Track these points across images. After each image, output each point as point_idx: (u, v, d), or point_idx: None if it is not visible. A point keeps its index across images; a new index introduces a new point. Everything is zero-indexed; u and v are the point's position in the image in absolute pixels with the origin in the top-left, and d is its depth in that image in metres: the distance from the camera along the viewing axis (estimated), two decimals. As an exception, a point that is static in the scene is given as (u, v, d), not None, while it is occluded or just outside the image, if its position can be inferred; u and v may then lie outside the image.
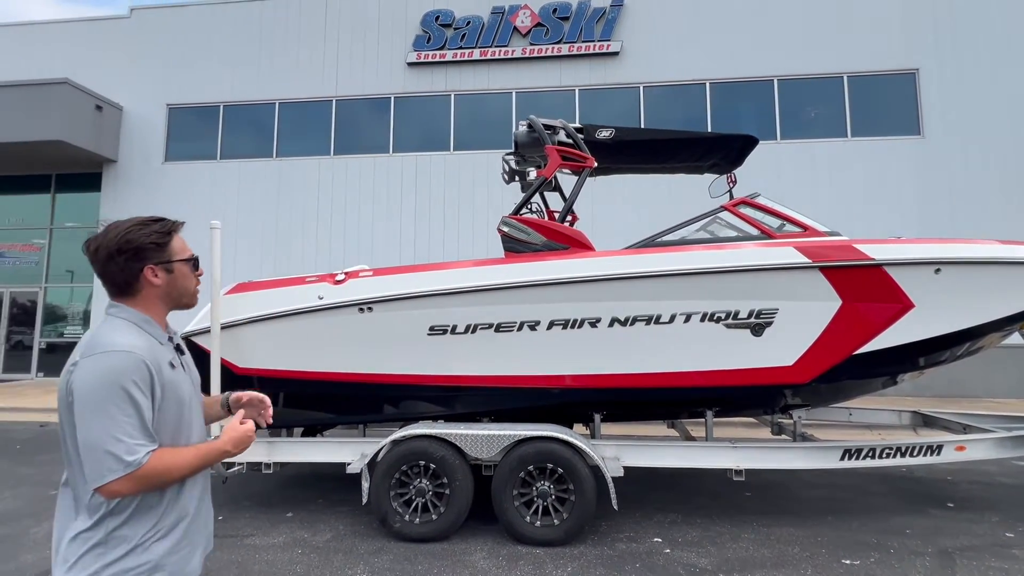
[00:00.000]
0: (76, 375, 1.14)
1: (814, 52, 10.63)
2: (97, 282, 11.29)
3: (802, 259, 3.53)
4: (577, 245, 3.80)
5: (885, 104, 10.54)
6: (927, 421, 5.12)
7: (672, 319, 3.59)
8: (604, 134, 4.36)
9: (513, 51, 11.14)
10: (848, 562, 3.22)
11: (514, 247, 3.85)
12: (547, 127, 4.18)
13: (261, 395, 1.49)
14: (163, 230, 1.27)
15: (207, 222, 3.62)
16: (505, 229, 3.85)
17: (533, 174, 4.04)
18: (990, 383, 8.91)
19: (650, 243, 3.90)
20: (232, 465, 3.75)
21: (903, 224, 9.06)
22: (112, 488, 1.11)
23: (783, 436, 4.64)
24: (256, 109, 11.77)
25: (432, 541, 3.48)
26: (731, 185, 4.27)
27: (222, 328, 3.77)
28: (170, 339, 1.31)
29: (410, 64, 11.36)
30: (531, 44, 11.12)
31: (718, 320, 3.59)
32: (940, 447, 3.86)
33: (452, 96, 11.31)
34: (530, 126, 4.23)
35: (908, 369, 4.09)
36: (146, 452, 1.14)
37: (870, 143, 10.38)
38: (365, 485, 3.59)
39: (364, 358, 3.80)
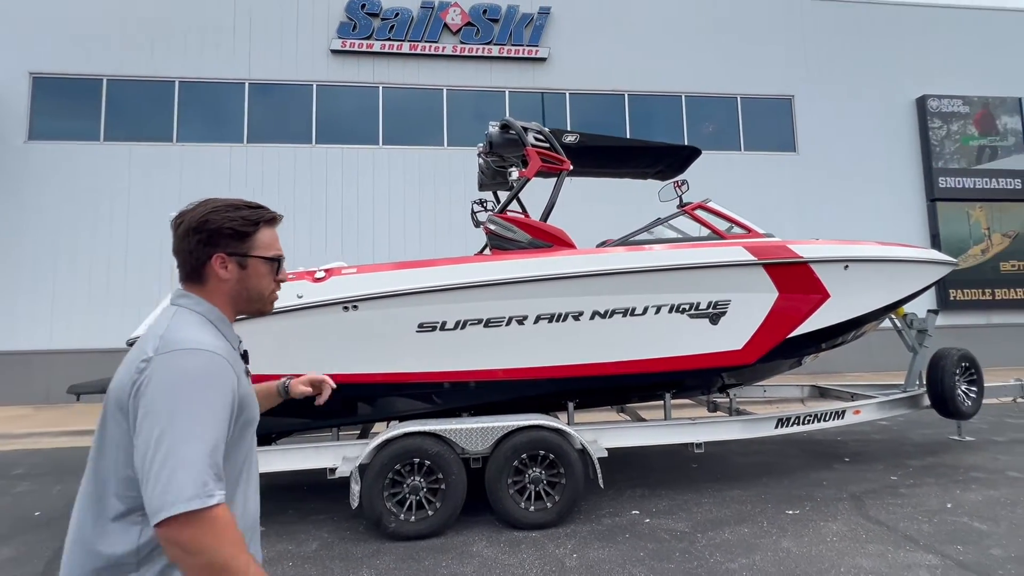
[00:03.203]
0: (151, 374, 0.93)
1: (715, 74, 11.96)
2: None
3: (750, 257, 4.10)
4: (560, 243, 4.02)
5: (769, 124, 12.20)
6: (822, 392, 6.17)
7: (645, 311, 3.97)
8: (570, 139, 4.63)
9: (444, 47, 11.08)
10: (791, 512, 3.83)
11: (501, 244, 3.96)
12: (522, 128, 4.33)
13: (323, 376, 1.50)
14: (251, 218, 1.11)
15: (88, 211, 3.28)
16: (492, 227, 3.96)
17: (515, 174, 4.19)
18: (847, 360, 10.76)
19: (624, 242, 4.24)
20: None
21: (781, 226, 10.59)
22: (179, 523, 0.85)
23: (719, 412, 5.29)
24: (150, 86, 10.39)
25: (428, 538, 3.50)
26: (681, 191, 4.76)
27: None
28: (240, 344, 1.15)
29: (334, 51, 10.79)
30: (462, 43, 11.14)
31: (683, 311, 4.03)
32: (843, 412, 4.74)
33: (380, 88, 10.96)
34: (505, 127, 4.36)
35: (819, 350, 4.90)
36: (219, 497, 0.90)
37: (757, 156, 11.96)
38: (356, 488, 3.49)
39: (348, 357, 3.68)
